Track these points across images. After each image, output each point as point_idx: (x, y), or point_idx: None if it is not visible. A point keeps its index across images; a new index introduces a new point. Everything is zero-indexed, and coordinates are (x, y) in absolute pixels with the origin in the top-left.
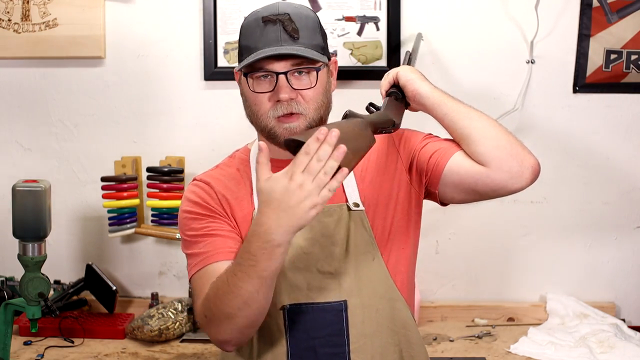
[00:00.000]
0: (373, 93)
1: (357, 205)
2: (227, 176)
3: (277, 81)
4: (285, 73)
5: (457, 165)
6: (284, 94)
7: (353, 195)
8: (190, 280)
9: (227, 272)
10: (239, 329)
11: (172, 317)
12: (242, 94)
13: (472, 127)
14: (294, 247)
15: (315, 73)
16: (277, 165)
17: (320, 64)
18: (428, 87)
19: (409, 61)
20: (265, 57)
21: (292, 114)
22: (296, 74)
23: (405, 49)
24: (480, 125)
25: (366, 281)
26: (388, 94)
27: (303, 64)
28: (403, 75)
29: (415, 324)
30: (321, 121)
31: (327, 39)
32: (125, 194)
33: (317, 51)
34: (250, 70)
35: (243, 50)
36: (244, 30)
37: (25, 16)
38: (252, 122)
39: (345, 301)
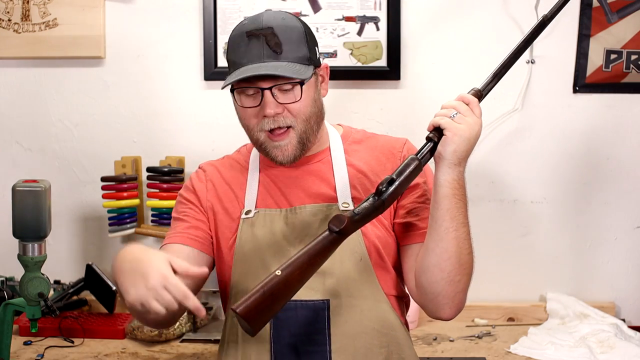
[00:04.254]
0: (373, 93)
1: (346, 204)
2: (227, 167)
3: (262, 97)
4: (270, 88)
5: (408, 256)
6: (270, 109)
7: (344, 195)
8: None
9: None
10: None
11: None
12: (235, 107)
13: (436, 247)
14: (276, 245)
15: (299, 87)
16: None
17: (303, 79)
18: (449, 177)
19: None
20: (246, 77)
21: (280, 128)
22: (283, 87)
23: (405, 48)
24: (442, 255)
25: (351, 281)
26: (428, 138)
27: (285, 80)
28: (446, 142)
29: (403, 326)
30: (312, 131)
31: (316, 45)
32: (125, 194)
33: (302, 63)
34: (237, 85)
35: (230, 64)
36: (231, 45)
37: (25, 16)
38: (246, 133)
39: (328, 300)
